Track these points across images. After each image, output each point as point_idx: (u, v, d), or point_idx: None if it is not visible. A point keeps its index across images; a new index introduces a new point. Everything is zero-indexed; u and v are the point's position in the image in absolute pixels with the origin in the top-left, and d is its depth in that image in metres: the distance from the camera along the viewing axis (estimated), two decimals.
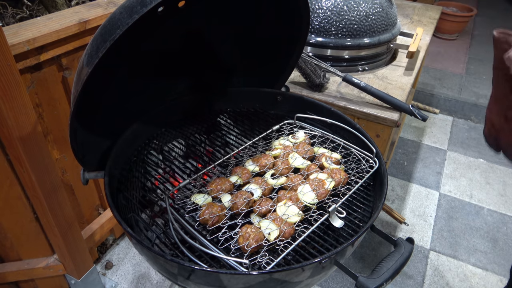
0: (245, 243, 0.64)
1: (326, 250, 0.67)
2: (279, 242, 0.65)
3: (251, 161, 0.83)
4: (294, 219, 0.69)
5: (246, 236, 0.65)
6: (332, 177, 0.77)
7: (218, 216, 0.70)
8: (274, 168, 0.82)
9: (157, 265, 0.65)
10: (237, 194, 0.73)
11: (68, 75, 1.18)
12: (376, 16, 1.26)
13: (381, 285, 0.55)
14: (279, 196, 0.75)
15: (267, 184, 0.77)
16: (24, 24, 1.05)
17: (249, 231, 0.65)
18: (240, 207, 0.71)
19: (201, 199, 0.74)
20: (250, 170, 0.80)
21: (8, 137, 0.98)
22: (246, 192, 0.74)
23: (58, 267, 1.30)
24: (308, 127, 0.94)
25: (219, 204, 0.72)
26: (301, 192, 0.74)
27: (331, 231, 0.71)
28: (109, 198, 0.70)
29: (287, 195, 0.73)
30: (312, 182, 0.76)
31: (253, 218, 0.71)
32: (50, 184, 1.10)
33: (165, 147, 0.95)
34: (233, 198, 0.73)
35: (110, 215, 1.52)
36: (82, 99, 0.62)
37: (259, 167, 0.81)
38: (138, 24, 0.56)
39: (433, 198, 1.95)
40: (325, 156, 0.83)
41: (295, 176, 0.78)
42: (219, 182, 0.76)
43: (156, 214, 0.79)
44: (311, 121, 0.95)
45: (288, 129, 0.95)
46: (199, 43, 0.93)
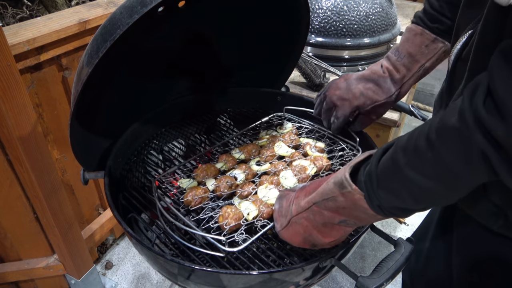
0: (224, 222, 0.66)
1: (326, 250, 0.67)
2: (257, 222, 0.68)
3: (237, 149, 0.86)
4: (273, 201, 0.69)
5: (226, 215, 0.67)
6: (314, 163, 0.79)
7: (201, 198, 0.72)
8: (259, 156, 0.84)
9: (157, 265, 0.65)
10: (221, 178, 0.76)
11: (68, 75, 1.18)
12: (376, 16, 1.26)
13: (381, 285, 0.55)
14: (261, 180, 0.76)
15: (251, 170, 0.79)
16: (24, 24, 1.05)
17: (229, 211, 0.67)
18: (223, 189, 0.73)
19: (186, 183, 0.78)
20: (236, 157, 0.83)
21: (8, 137, 0.98)
22: (230, 177, 0.76)
23: (58, 267, 1.30)
24: (296, 119, 0.96)
25: (203, 188, 0.75)
26: (283, 177, 0.76)
27: None
28: (109, 198, 0.70)
29: (269, 179, 0.76)
30: (295, 168, 0.78)
31: (234, 200, 0.73)
32: (50, 184, 1.10)
33: (165, 147, 0.95)
34: (217, 182, 0.76)
35: (110, 215, 1.53)
36: (82, 99, 0.62)
37: (244, 155, 0.84)
38: (138, 24, 0.56)
39: None
40: (309, 144, 0.85)
41: (279, 163, 0.80)
42: (205, 168, 0.79)
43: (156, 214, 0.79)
44: (300, 113, 0.96)
45: (277, 121, 0.97)
46: (199, 43, 0.93)
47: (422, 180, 0.43)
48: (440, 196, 0.44)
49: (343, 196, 0.50)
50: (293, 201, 0.59)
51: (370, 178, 0.48)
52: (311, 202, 0.55)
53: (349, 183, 0.49)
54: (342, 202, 0.51)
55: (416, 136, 0.43)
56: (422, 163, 0.42)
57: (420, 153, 0.42)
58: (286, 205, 0.60)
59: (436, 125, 0.41)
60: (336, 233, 0.55)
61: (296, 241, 0.59)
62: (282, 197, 0.63)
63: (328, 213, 0.53)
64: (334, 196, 0.51)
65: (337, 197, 0.51)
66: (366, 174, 0.48)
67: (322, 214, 0.54)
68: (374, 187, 0.47)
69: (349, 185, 0.49)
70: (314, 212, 0.54)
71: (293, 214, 0.58)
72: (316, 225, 0.55)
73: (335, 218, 0.53)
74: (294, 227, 0.58)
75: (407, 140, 0.45)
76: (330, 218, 0.53)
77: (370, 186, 0.47)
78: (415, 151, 0.43)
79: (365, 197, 0.48)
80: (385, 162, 0.47)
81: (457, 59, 0.56)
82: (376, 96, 0.75)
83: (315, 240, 0.57)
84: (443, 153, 0.40)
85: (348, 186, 0.49)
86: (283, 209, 0.61)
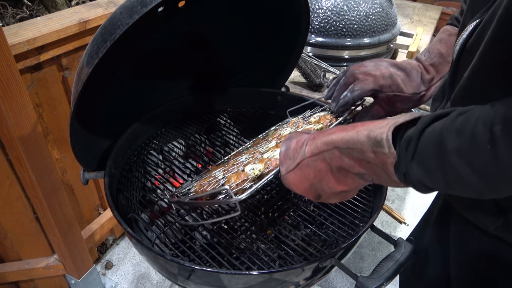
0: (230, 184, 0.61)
1: (326, 250, 0.67)
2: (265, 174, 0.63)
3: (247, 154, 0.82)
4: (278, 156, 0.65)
5: (231, 180, 0.62)
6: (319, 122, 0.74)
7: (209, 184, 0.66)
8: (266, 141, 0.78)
9: (157, 265, 0.65)
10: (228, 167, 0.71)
11: (68, 75, 1.18)
12: (376, 16, 1.26)
13: (381, 285, 0.55)
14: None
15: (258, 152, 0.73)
16: (24, 24, 1.05)
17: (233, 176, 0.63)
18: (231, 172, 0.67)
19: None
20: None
21: (8, 137, 0.98)
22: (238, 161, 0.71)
23: (58, 267, 1.30)
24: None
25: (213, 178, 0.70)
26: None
27: (331, 231, 0.71)
28: (109, 198, 0.70)
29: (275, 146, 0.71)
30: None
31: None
32: (50, 184, 1.10)
33: (165, 147, 0.95)
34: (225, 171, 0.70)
35: (110, 215, 1.52)
36: (82, 99, 0.62)
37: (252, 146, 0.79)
38: (138, 24, 0.56)
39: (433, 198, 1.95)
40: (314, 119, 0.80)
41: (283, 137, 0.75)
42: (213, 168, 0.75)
43: (156, 214, 0.79)
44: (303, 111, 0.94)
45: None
46: (199, 43, 0.93)
47: (466, 171, 0.38)
48: (475, 191, 0.40)
49: (374, 153, 0.45)
50: (307, 142, 0.53)
51: (408, 145, 0.42)
52: (332, 144, 0.49)
53: (389, 145, 0.43)
54: (369, 158, 0.45)
55: (475, 122, 0.37)
56: (475, 155, 0.37)
57: (476, 144, 0.36)
58: (297, 146, 0.55)
59: (504, 114, 0.35)
60: (350, 182, 0.51)
61: (301, 187, 0.54)
62: (291, 138, 0.57)
63: (348, 161, 0.48)
64: (362, 150, 0.46)
65: (365, 152, 0.46)
66: (405, 139, 0.43)
67: (342, 160, 0.49)
68: (408, 156, 0.42)
69: (388, 147, 0.43)
70: (334, 155, 0.49)
71: (306, 156, 0.52)
72: (331, 169, 0.50)
73: (354, 168, 0.48)
74: (304, 170, 0.53)
75: (463, 121, 0.38)
76: (348, 166, 0.48)
77: (405, 153, 0.42)
78: (471, 138, 0.37)
79: (395, 162, 0.43)
80: (431, 136, 0.41)
81: (462, 49, 0.53)
82: (404, 87, 0.68)
83: (323, 188, 0.52)
84: (506, 151, 0.34)
85: (387, 147, 0.43)
86: (290, 151, 0.55)
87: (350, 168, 0.48)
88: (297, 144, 0.55)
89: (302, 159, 0.53)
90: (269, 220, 0.74)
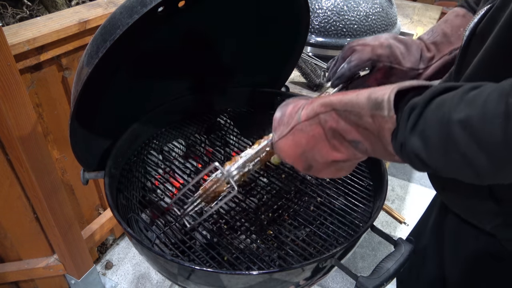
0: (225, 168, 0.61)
1: (326, 250, 0.67)
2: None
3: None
4: None
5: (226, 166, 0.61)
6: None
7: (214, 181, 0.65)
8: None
9: (157, 265, 0.65)
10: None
11: (68, 75, 1.18)
12: (376, 16, 1.26)
13: (381, 285, 0.55)
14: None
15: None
16: (24, 24, 1.05)
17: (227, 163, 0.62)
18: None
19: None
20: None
21: (8, 137, 0.98)
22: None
23: (58, 267, 1.30)
24: None
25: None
26: None
27: (331, 231, 0.71)
28: (109, 198, 0.70)
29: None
30: None
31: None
32: (50, 184, 1.10)
33: (165, 147, 0.95)
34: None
35: (110, 215, 1.53)
36: (82, 99, 0.62)
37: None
38: (138, 24, 0.56)
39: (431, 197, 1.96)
40: None
41: None
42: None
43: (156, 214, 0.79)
44: None
45: None
46: (199, 43, 0.93)
47: (470, 147, 0.34)
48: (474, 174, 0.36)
49: (372, 117, 0.41)
50: (303, 107, 0.50)
51: (410, 112, 0.38)
52: (330, 106, 0.46)
53: (390, 107, 0.39)
54: (366, 123, 0.42)
55: (489, 93, 0.33)
56: (484, 129, 0.32)
57: (486, 116, 0.32)
58: (292, 111, 0.51)
59: None
60: (344, 151, 0.47)
61: (292, 154, 0.51)
62: (287, 104, 0.53)
63: (344, 125, 0.45)
64: (360, 113, 0.42)
65: (363, 116, 0.42)
66: (409, 106, 0.39)
67: (338, 123, 0.45)
68: (409, 124, 0.38)
69: (389, 110, 0.39)
70: (330, 117, 0.46)
71: (301, 120, 0.49)
72: (325, 134, 0.47)
73: (350, 133, 0.45)
74: (296, 136, 0.50)
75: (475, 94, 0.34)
76: (344, 131, 0.45)
77: (406, 120, 0.38)
78: (482, 109, 0.33)
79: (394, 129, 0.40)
80: (438, 107, 0.37)
81: (471, 35, 0.51)
82: (402, 60, 0.65)
83: (315, 157, 0.49)
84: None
85: (387, 109, 0.39)
86: (285, 117, 0.52)
87: (346, 133, 0.45)
88: (293, 109, 0.52)
89: (296, 123, 0.50)
90: (269, 220, 0.74)
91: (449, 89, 0.38)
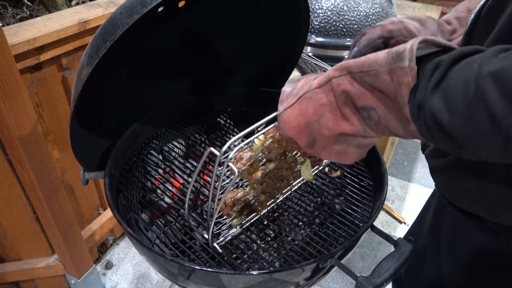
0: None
1: (326, 250, 0.67)
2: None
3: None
4: None
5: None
6: None
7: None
8: None
9: (157, 265, 0.65)
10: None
11: (68, 75, 1.18)
12: (376, 16, 1.26)
13: (381, 285, 0.55)
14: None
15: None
16: (24, 24, 1.05)
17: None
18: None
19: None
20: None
21: (8, 137, 0.98)
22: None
23: (58, 267, 1.30)
24: None
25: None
26: None
27: (331, 231, 0.71)
28: (109, 198, 0.70)
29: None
30: None
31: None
32: (50, 184, 1.10)
33: (165, 147, 0.95)
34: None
35: (110, 215, 1.53)
36: (82, 99, 0.62)
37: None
38: (138, 24, 0.56)
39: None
40: None
41: None
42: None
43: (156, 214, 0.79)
44: None
45: None
46: (199, 43, 0.93)
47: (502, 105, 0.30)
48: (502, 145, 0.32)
49: (389, 74, 0.37)
50: (317, 77, 0.46)
51: (434, 70, 0.35)
52: (345, 69, 0.42)
53: (412, 56, 0.36)
54: (383, 81, 0.38)
55: None
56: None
57: None
58: (303, 83, 0.47)
59: None
60: (354, 121, 0.43)
61: (295, 125, 0.47)
62: (299, 80, 0.50)
63: (358, 88, 0.41)
64: (377, 71, 0.39)
65: (380, 74, 0.38)
66: (434, 63, 0.35)
67: (351, 86, 0.41)
68: (431, 83, 0.35)
69: (410, 60, 0.36)
70: (343, 81, 0.42)
71: (311, 87, 0.45)
72: (336, 101, 0.43)
73: (363, 98, 0.41)
74: (303, 104, 0.46)
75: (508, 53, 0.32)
76: (356, 95, 0.41)
77: (428, 78, 0.35)
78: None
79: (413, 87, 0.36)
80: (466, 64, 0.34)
81: (476, 18, 0.50)
82: (417, 33, 0.60)
83: (320, 130, 0.45)
84: None
85: (407, 59, 0.36)
86: (295, 90, 0.48)
87: (359, 98, 0.41)
88: (305, 82, 0.48)
89: (305, 92, 0.46)
90: (269, 220, 0.74)
91: (479, 51, 0.34)
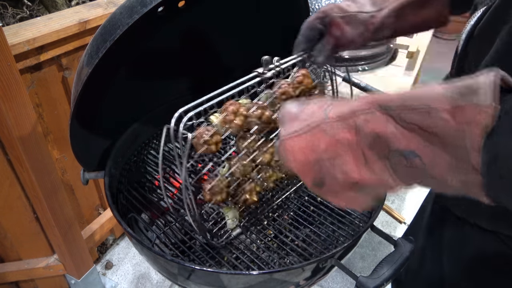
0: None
1: (326, 250, 0.67)
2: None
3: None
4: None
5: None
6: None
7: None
8: None
9: (157, 265, 0.65)
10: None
11: (68, 75, 1.18)
12: None
13: (381, 285, 0.55)
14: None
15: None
16: (24, 24, 1.05)
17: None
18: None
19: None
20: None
21: (8, 137, 0.98)
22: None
23: (58, 267, 1.30)
24: None
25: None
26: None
27: (331, 231, 0.71)
28: (109, 198, 0.70)
29: None
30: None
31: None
32: (50, 184, 1.10)
33: (165, 147, 0.95)
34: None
35: (110, 215, 1.53)
36: (82, 99, 0.62)
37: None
38: (138, 24, 0.56)
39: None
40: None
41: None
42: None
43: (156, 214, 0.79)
44: None
45: None
46: (199, 43, 0.93)
47: None
48: None
49: (451, 113, 0.29)
50: (334, 104, 0.38)
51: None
52: (377, 103, 0.34)
53: (495, 92, 0.28)
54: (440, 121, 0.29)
55: None
56: None
57: None
58: (316, 109, 0.39)
59: None
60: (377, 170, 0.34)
61: (301, 159, 0.38)
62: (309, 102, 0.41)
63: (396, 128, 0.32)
64: (430, 108, 0.30)
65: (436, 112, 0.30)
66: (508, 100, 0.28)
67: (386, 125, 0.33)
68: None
69: (492, 96, 0.28)
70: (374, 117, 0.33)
71: (328, 117, 0.37)
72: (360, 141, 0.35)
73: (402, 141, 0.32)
74: (315, 136, 0.37)
75: None
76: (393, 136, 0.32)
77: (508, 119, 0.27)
78: None
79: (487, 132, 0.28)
80: None
81: (469, 37, 0.50)
82: (347, 7, 0.61)
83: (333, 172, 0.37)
84: None
85: (488, 96, 0.28)
86: (304, 114, 0.40)
87: (396, 140, 0.32)
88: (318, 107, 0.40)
89: (320, 121, 0.37)
90: (269, 220, 0.74)
91: None
